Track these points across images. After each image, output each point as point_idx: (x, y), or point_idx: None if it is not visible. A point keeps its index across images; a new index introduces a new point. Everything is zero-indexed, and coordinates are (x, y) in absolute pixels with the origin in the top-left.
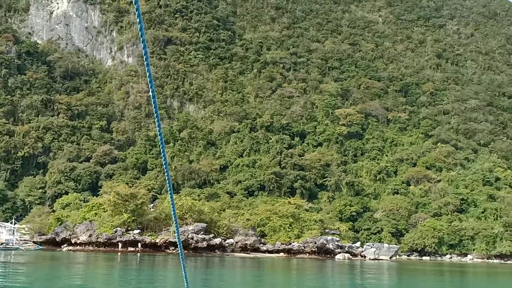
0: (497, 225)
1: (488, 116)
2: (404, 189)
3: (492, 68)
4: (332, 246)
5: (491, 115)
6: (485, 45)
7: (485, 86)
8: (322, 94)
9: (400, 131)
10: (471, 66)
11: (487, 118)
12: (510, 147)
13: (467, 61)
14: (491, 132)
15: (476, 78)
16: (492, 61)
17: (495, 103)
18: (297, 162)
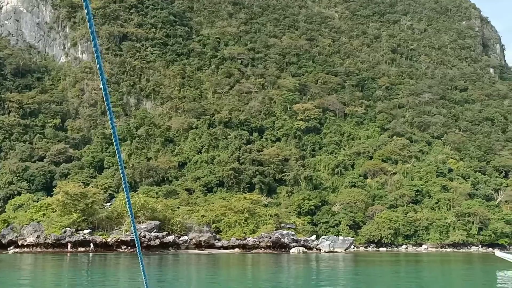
0: (450, 215)
1: (441, 109)
2: (361, 182)
3: (444, 63)
4: (287, 240)
5: (444, 108)
6: (437, 40)
7: (438, 80)
8: (280, 89)
9: (357, 125)
10: (425, 60)
11: (440, 111)
12: (462, 139)
13: (420, 56)
14: (444, 124)
15: (429, 72)
16: (444, 55)
17: (448, 97)
18: (256, 158)
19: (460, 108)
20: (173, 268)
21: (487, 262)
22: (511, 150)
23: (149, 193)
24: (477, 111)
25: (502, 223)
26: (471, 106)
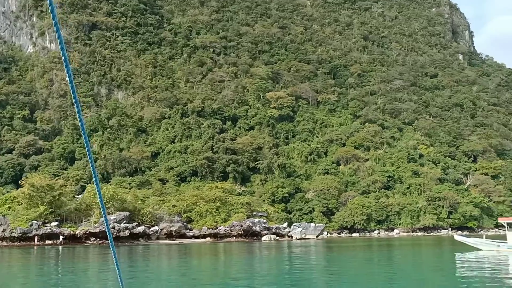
0: (420, 199)
1: (412, 95)
2: (334, 169)
3: (415, 50)
4: (259, 228)
5: (415, 94)
6: (408, 27)
7: (408, 67)
8: (253, 78)
9: (330, 112)
10: (396, 47)
11: (411, 97)
12: (432, 125)
13: (391, 43)
14: (415, 111)
15: (400, 59)
16: (415, 42)
17: (418, 83)
18: (229, 147)
19: (430, 94)
20: (143, 259)
21: (453, 245)
22: (479, 135)
23: (121, 184)
24: (447, 97)
25: (471, 206)
26: (441, 92)
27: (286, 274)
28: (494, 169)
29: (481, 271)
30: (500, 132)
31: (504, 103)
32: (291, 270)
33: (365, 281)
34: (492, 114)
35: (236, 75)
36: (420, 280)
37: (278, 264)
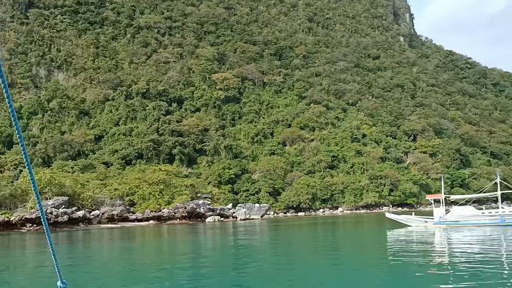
0: (363, 178)
1: (356, 76)
2: (280, 150)
3: (358, 31)
4: (203, 210)
5: (358, 75)
6: (351, 9)
7: (352, 48)
8: (198, 59)
9: (276, 93)
10: (340, 29)
11: (355, 78)
12: (375, 105)
13: (336, 25)
14: (358, 91)
15: (344, 41)
16: (358, 24)
17: (362, 65)
18: (175, 129)
19: (373, 75)
20: (83, 244)
21: (388, 222)
22: (419, 115)
23: (64, 168)
24: (389, 78)
25: (411, 184)
26: (383, 73)
27: (230, 252)
28: (432, 147)
29: (408, 245)
30: (438, 111)
31: (442, 84)
32: (235, 249)
33: (296, 258)
34: (430, 95)
35: (181, 56)
36: (352, 255)
37: (222, 244)
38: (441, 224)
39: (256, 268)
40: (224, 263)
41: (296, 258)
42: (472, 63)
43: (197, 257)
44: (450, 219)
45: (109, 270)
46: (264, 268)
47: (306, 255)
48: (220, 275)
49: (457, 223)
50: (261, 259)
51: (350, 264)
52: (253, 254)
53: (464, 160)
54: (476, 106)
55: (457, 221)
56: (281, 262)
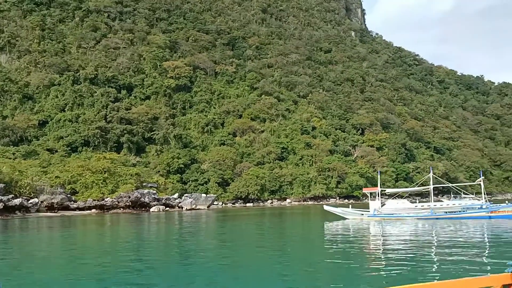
0: (312, 170)
1: (307, 69)
2: (230, 140)
3: (311, 24)
4: (148, 200)
5: (310, 68)
6: (305, 2)
7: (304, 41)
8: (150, 45)
9: (228, 83)
10: (293, 22)
11: (306, 71)
12: (325, 98)
13: (289, 17)
14: (309, 84)
15: (297, 33)
16: (311, 17)
17: (313, 57)
18: (124, 116)
19: (324, 69)
20: (20, 233)
21: (332, 214)
22: (367, 109)
23: (4, 154)
24: (339, 72)
25: (357, 176)
26: (334, 67)
27: (173, 242)
28: (379, 141)
29: (343, 237)
30: (386, 106)
31: (390, 79)
32: (178, 239)
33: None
34: (379, 90)
35: (132, 42)
36: (285, 247)
37: (166, 234)
38: (376, 217)
39: (185, 256)
40: (166, 257)
41: (225, 248)
42: (419, 60)
43: (138, 246)
44: (385, 212)
45: (44, 261)
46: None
47: (239, 245)
48: (164, 268)
49: (391, 216)
50: (194, 250)
51: (280, 255)
52: (188, 242)
53: (409, 154)
54: (422, 102)
55: (391, 214)
56: (213, 254)
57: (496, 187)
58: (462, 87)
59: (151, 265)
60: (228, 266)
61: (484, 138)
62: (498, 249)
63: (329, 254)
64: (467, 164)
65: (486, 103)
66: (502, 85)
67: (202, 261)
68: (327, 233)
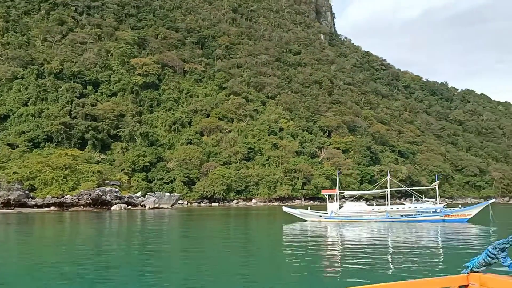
0: (278, 171)
1: (276, 70)
2: (197, 139)
3: (281, 26)
4: (109, 197)
5: (279, 70)
6: (275, 4)
7: (274, 42)
8: (118, 41)
9: (196, 82)
10: (263, 22)
11: (275, 72)
12: (293, 100)
13: (259, 18)
14: (278, 85)
15: (267, 34)
16: (281, 19)
17: (283, 59)
18: (89, 112)
19: (293, 70)
20: None
21: (294, 216)
22: (334, 111)
23: None
24: (308, 74)
25: (323, 178)
26: (302, 69)
27: (132, 243)
28: (345, 143)
29: (300, 239)
30: (353, 110)
31: (358, 83)
32: (135, 239)
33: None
34: (346, 93)
35: (99, 37)
36: (241, 247)
37: (126, 235)
38: (333, 219)
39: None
40: (126, 257)
41: (179, 248)
42: (386, 65)
43: (94, 243)
44: (342, 214)
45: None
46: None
47: (195, 245)
48: (125, 269)
49: (349, 218)
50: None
51: (233, 256)
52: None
53: (374, 157)
54: (388, 107)
55: (348, 216)
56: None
57: (457, 191)
58: (427, 92)
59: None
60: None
61: (447, 143)
62: (451, 252)
63: (285, 256)
64: (430, 168)
65: (449, 109)
66: (465, 91)
67: (141, 265)
68: (285, 235)
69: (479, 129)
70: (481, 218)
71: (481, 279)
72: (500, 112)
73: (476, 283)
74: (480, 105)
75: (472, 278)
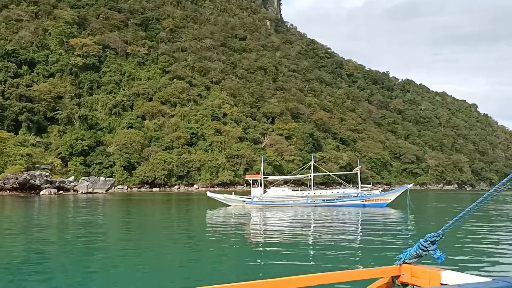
0: (220, 156)
1: (221, 55)
2: (139, 123)
3: (227, 10)
4: (39, 182)
5: (224, 55)
6: None
7: (220, 27)
8: (56, 20)
9: (139, 65)
10: (209, 6)
11: (220, 57)
12: (238, 86)
13: (205, 1)
14: (222, 71)
15: (212, 18)
16: (227, 3)
17: (228, 44)
18: (24, 93)
19: (238, 56)
20: None
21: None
22: (278, 98)
23: None
24: (253, 60)
25: (265, 164)
26: (248, 55)
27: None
28: (288, 130)
29: (223, 224)
30: (297, 97)
31: (302, 70)
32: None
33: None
34: (291, 80)
35: (36, 15)
36: (160, 233)
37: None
38: (257, 204)
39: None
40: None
41: (97, 235)
42: (331, 53)
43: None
44: (266, 199)
45: None
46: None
47: (112, 232)
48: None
49: (272, 203)
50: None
51: (151, 241)
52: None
53: (316, 144)
54: (331, 94)
55: (272, 201)
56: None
57: (395, 177)
58: (369, 81)
59: None
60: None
61: (387, 131)
62: (373, 239)
63: (206, 243)
64: (370, 155)
65: (390, 98)
66: (405, 81)
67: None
68: (208, 220)
69: (417, 118)
70: (399, 203)
71: (412, 270)
72: (437, 102)
73: (407, 273)
74: (419, 95)
75: (404, 269)
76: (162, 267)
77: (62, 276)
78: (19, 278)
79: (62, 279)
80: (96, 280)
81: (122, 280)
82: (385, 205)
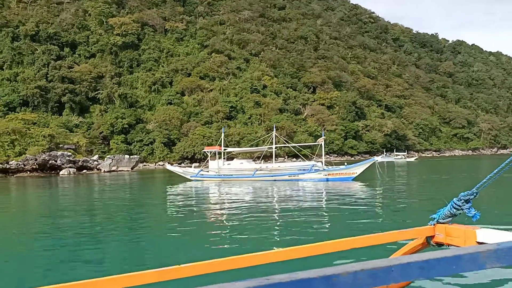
0: (260, 129)
1: (260, 27)
2: (178, 99)
3: None
4: (60, 162)
5: (263, 26)
6: None
7: None
8: (95, 1)
9: (177, 41)
10: None
11: (259, 29)
12: (278, 56)
13: None
14: (262, 42)
15: None
16: None
17: (267, 15)
18: (66, 75)
19: (277, 26)
20: None
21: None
22: (320, 67)
23: None
24: (293, 30)
25: (306, 135)
26: (287, 24)
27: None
28: (330, 99)
29: (182, 199)
30: (339, 65)
31: (345, 37)
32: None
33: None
34: (333, 48)
35: None
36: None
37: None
38: (215, 178)
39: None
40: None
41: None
42: (375, 18)
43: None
44: (224, 173)
45: None
46: None
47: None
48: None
49: (231, 177)
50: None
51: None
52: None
53: (359, 112)
54: (375, 60)
55: (230, 174)
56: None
57: (445, 143)
58: (417, 45)
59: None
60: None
61: (436, 96)
62: (336, 214)
63: (166, 220)
64: (417, 121)
65: (439, 61)
66: (456, 43)
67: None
68: (169, 195)
69: (469, 81)
70: (368, 176)
71: (446, 230)
72: (491, 63)
73: (441, 233)
74: (471, 56)
75: (438, 229)
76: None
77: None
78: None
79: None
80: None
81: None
82: (351, 179)
